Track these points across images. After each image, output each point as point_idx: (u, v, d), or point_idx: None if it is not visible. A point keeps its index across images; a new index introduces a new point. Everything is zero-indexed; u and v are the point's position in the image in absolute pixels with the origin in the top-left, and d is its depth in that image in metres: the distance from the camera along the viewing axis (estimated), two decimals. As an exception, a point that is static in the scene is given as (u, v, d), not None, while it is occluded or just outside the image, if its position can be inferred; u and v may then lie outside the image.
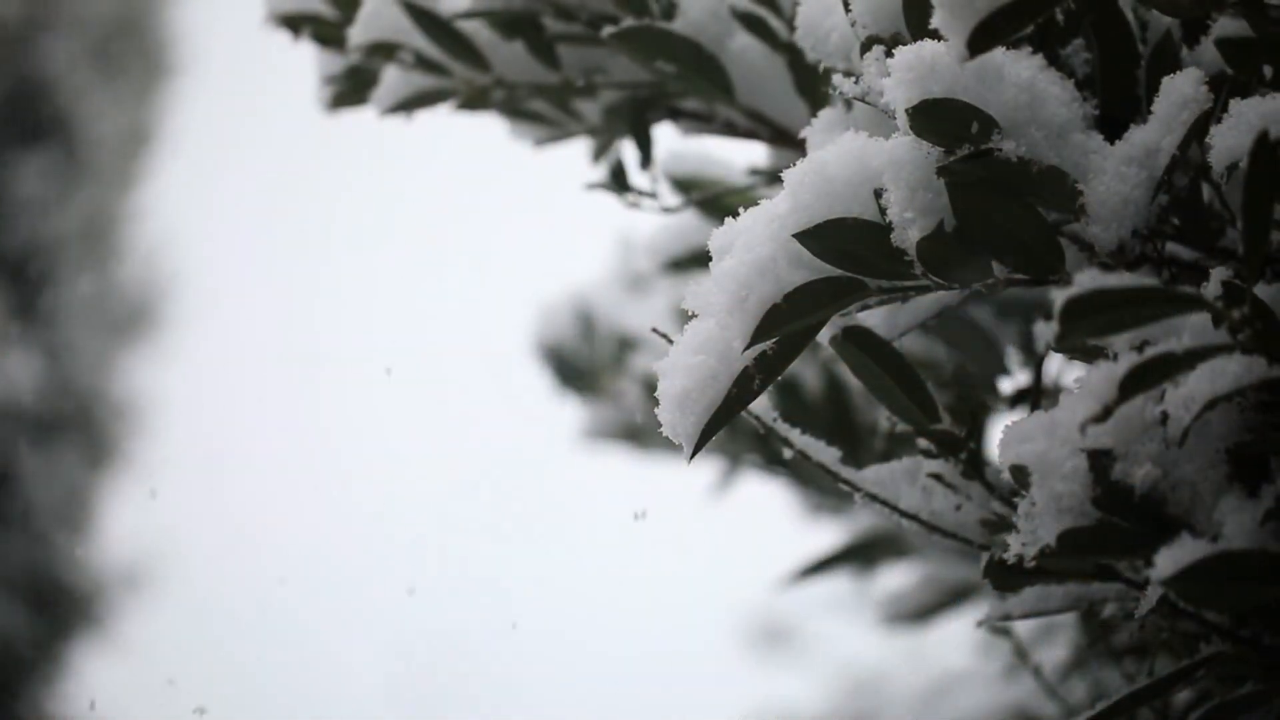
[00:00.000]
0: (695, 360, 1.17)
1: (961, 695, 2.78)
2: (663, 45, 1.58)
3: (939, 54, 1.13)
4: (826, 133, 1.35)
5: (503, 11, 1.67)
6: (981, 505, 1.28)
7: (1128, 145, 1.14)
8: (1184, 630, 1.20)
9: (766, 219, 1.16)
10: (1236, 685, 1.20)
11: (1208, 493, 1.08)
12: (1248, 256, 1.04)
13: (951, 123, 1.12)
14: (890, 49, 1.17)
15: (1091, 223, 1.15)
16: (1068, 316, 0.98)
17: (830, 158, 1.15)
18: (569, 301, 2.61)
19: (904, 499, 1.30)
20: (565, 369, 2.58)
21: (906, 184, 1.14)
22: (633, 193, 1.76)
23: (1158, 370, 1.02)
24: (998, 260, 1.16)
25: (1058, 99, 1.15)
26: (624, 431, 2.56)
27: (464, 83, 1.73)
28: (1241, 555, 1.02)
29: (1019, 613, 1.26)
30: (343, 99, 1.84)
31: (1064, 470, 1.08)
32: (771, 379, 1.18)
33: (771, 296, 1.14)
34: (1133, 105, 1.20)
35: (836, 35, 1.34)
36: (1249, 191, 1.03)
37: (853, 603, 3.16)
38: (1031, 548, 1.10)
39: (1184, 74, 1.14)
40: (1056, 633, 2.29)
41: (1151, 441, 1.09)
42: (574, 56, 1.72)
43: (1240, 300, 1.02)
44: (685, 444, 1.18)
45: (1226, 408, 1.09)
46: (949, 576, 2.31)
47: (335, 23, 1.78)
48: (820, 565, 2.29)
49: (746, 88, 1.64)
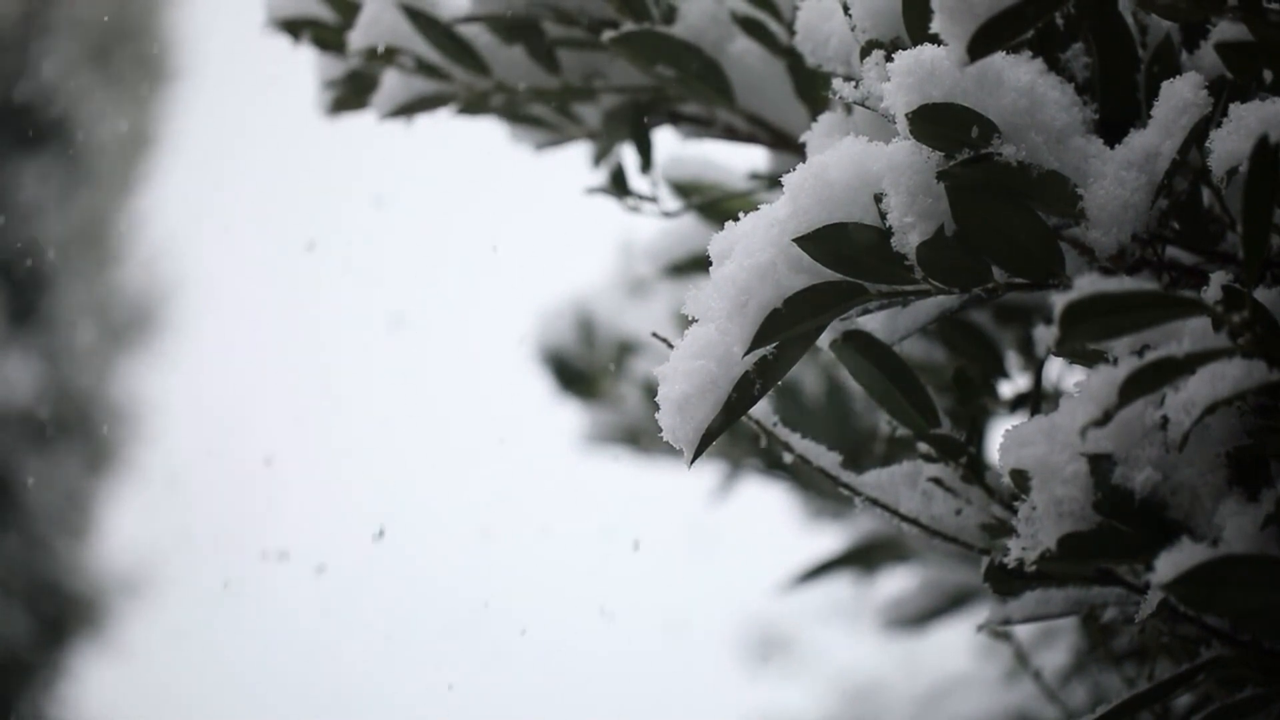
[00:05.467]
0: (695, 365, 1.17)
1: (961, 700, 2.78)
2: (663, 50, 1.58)
3: (939, 59, 1.13)
4: (826, 137, 1.35)
5: (503, 16, 1.67)
6: (982, 509, 1.28)
7: (1127, 149, 1.15)
8: (1184, 634, 1.20)
9: (766, 224, 1.16)
10: (1236, 689, 1.20)
11: (1208, 497, 1.08)
12: (1247, 260, 1.04)
13: (951, 127, 1.12)
14: (890, 53, 1.17)
15: (1091, 227, 1.15)
16: (1067, 320, 0.98)
17: (830, 162, 1.15)
18: (569, 306, 2.61)
19: (904, 503, 1.30)
20: (565, 373, 2.58)
21: (906, 188, 1.14)
22: (633, 197, 1.76)
23: (1158, 374, 1.02)
24: (997, 264, 1.16)
25: (1057, 103, 1.15)
26: (624, 435, 2.56)
27: (464, 87, 1.73)
28: (1242, 559, 1.02)
29: (1019, 617, 1.26)
30: (343, 103, 1.84)
31: (1064, 474, 1.08)
32: (771, 384, 1.18)
33: (772, 301, 1.14)
34: (1132, 109, 1.20)
35: (836, 40, 1.34)
36: (1249, 196, 1.03)
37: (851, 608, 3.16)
38: (1032, 552, 1.10)
39: (1184, 78, 1.14)
40: (1057, 637, 2.29)
41: (1152, 446, 1.09)
42: (574, 61, 1.72)
43: (1240, 304, 1.02)
44: (685, 449, 1.18)
45: (1226, 412, 1.09)
46: (949, 581, 2.31)
47: (335, 27, 1.78)
48: (820, 569, 2.29)
49: (746, 92, 1.64)
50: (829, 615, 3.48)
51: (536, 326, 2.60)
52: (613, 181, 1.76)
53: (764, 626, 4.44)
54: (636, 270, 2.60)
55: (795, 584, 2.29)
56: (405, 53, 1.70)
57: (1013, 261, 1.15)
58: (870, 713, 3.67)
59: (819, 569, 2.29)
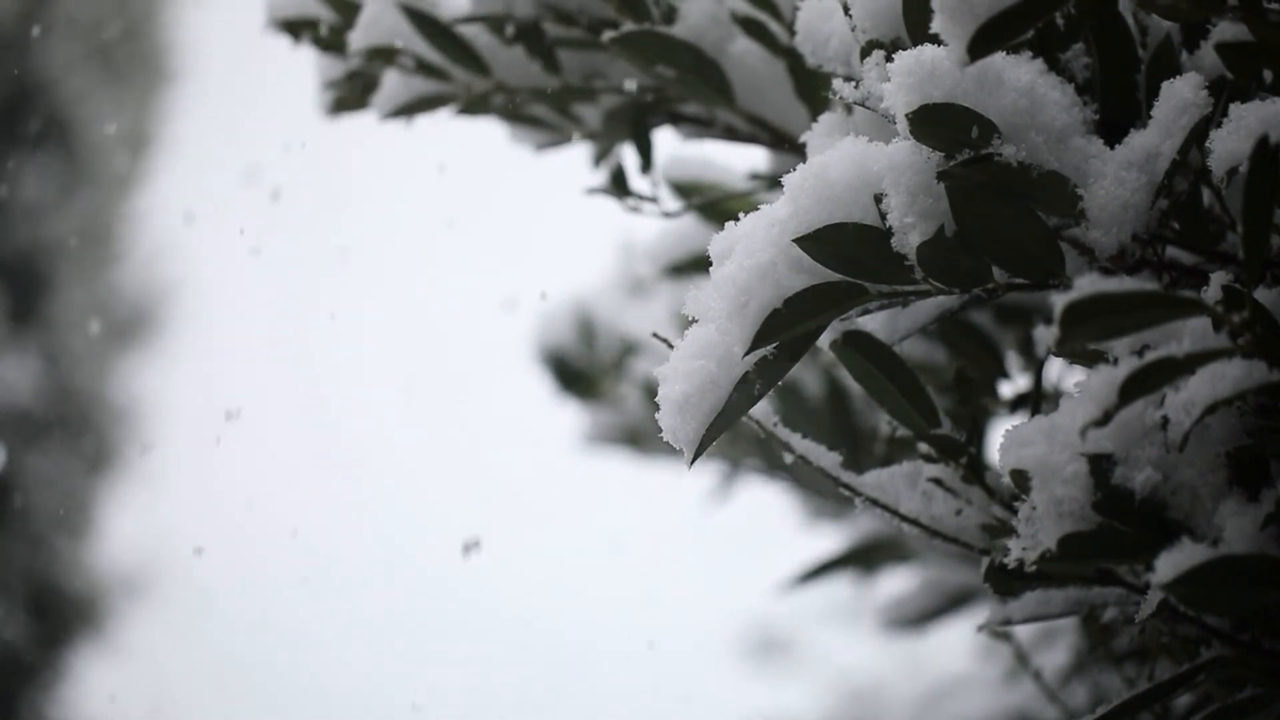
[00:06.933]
0: (695, 365, 1.17)
1: (961, 700, 2.78)
2: (663, 50, 1.58)
3: (939, 59, 1.13)
4: (827, 137, 1.35)
5: (503, 16, 1.67)
6: (982, 510, 1.28)
7: (1128, 150, 1.15)
8: (1184, 634, 1.20)
9: (767, 224, 1.16)
10: (1237, 689, 1.20)
11: (1208, 497, 1.08)
12: (1248, 261, 1.04)
13: (951, 127, 1.12)
14: (890, 54, 1.17)
15: (1091, 227, 1.15)
16: (1068, 320, 0.98)
17: (830, 162, 1.16)
18: (569, 306, 2.61)
19: (904, 503, 1.30)
20: (566, 373, 2.58)
21: (907, 189, 1.14)
22: (633, 197, 1.76)
23: (1158, 374, 1.02)
24: (998, 265, 1.16)
25: (1058, 104, 1.15)
26: (624, 436, 2.56)
27: (464, 87, 1.73)
28: (1242, 560, 1.02)
29: (1019, 617, 1.26)
30: (343, 104, 1.84)
31: (1064, 474, 1.08)
32: (772, 384, 1.18)
33: (772, 301, 1.14)
34: (1133, 110, 1.20)
35: (836, 40, 1.34)
36: (1249, 196, 1.03)
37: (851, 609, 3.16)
38: (1032, 552, 1.11)
39: (1184, 78, 1.14)
40: (1057, 637, 2.29)
41: (1152, 446, 1.09)
42: (574, 61, 1.72)
43: (1240, 304, 1.02)
44: (686, 449, 1.18)
45: (1227, 412, 1.09)
46: (949, 581, 2.31)
47: (335, 27, 1.78)
48: (820, 570, 2.29)
49: (746, 92, 1.64)
50: (829, 616, 3.48)
51: (536, 326, 2.60)
52: (613, 182, 1.76)
53: (764, 627, 4.44)
54: (636, 270, 2.60)
55: (795, 584, 2.29)
56: (405, 53, 1.70)
57: (1013, 262, 1.15)
58: (870, 713, 3.66)
59: (819, 569, 2.29)
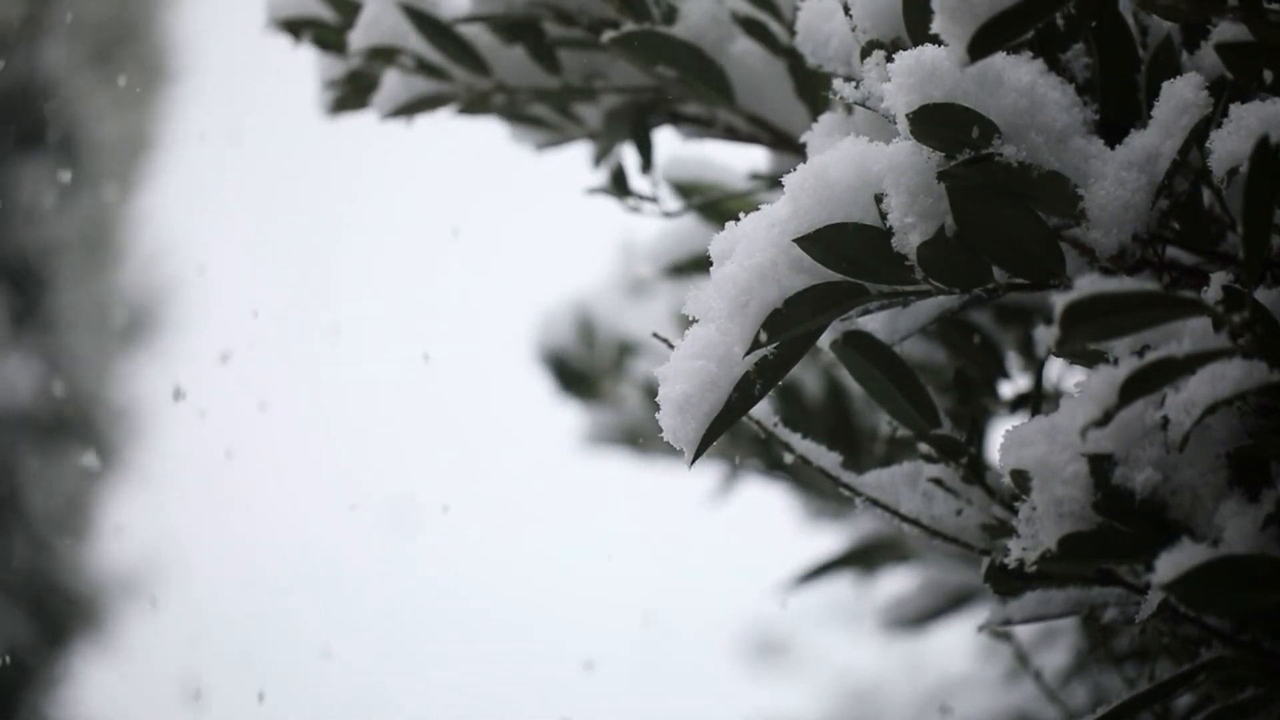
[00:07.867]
0: (696, 365, 1.17)
1: (962, 700, 2.78)
2: (663, 50, 1.58)
3: (939, 59, 1.13)
4: (827, 137, 1.35)
5: (503, 16, 1.67)
6: (982, 510, 1.28)
7: (1128, 150, 1.15)
8: (1185, 635, 1.20)
9: (767, 224, 1.16)
10: (1237, 690, 1.20)
11: (1208, 497, 1.08)
12: (1248, 261, 1.04)
13: (952, 127, 1.12)
14: (890, 54, 1.17)
15: (1092, 227, 1.15)
16: (1068, 321, 0.98)
17: (831, 162, 1.15)
18: (569, 306, 2.61)
19: (904, 504, 1.30)
20: (566, 374, 2.58)
21: (907, 189, 1.14)
22: (633, 197, 1.76)
23: (1158, 375, 1.02)
24: (998, 265, 1.16)
25: (1058, 104, 1.15)
26: (624, 436, 2.56)
27: (465, 87, 1.73)
28: (1242, 560, 1.02)
29: (1019, 617, 1.26)
30: (343, 103, 1.84)
31: (1065, 475, 1.08)
32: (772, 384, 1.18)
33: (772, 301, 1.14)
34: (1133, 110, 1.20)
35: (836, 40, 1.34)
36: (1249, 196, 1.03)
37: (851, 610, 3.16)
38: (1032, 552, 1.10)
39: (1184, 79, 1.14)
40: (1057, 637, 2.29)
41: (1152, 446, 1.09)
42: (574, 61, 1.72)
43: (1240, 305, 1.02)
44: (686, 449, 1.18)
45: (1227, 412, 1.09)
46: (949, 581, 2.31)
47: (336, 27, 1.78)
48: (821, 570, 2.29)
49: (747, 92, 1.64)
50: (829, 616, 3.48)
51: (536, 326, 2.60)
52: (613, 182, 1.76)
53: (764, 627, 4.44)
54: (636, 270, 2.60)
55: (795, 585, 2.29)
56: (406, 53, 1.70)
57: (1013, 262, 1.15)
58: (870, 713, 3.67)
59: (819, 569, 2.29)
